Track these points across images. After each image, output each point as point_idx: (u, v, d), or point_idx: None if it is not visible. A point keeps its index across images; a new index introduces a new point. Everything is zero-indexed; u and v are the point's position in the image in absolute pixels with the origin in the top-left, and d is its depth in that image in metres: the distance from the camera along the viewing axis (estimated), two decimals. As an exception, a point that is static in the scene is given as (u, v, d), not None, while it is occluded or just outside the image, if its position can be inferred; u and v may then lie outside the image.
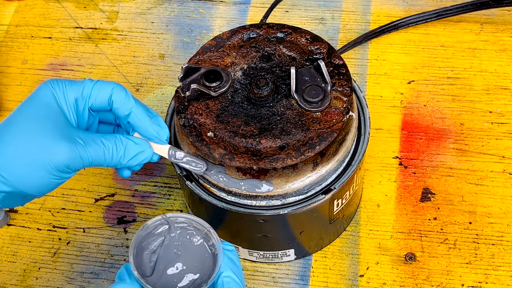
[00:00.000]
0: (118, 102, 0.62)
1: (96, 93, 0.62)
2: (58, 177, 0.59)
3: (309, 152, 0.63)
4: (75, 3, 0.98)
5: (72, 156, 0.59)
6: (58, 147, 0.58)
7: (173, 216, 0.61)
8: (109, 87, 0.62)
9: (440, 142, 0.82)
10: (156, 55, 0.92)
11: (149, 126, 0.63)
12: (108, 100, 0.62)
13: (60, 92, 0.61)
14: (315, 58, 0.69)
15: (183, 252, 0.61)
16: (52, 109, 0.60)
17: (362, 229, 0.77)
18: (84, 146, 0.59)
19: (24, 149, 0.58)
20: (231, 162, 0.63)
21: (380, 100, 0.86)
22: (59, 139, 0.58)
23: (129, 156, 0.62)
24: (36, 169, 0.58)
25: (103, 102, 0.62)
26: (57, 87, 0.61)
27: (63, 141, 0.58)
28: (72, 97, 0.61)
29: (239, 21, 0.94)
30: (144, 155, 0.63)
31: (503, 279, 0.73)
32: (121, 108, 0.62)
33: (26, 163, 0.58)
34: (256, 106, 0.66)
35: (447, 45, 0.90)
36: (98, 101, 0.62)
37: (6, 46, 0.94)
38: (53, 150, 0.58)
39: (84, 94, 0.61)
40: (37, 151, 0.58)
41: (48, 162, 0.58)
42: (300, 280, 0.74)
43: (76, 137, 0.59)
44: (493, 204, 0.77)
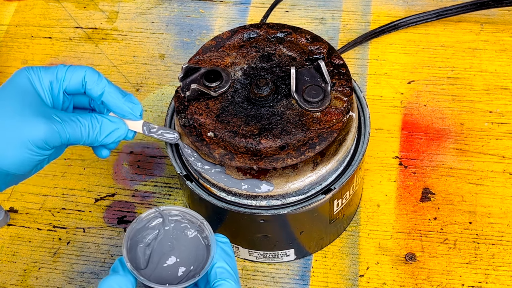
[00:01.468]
0: (91, 83, 0.64)
1: (70, 76, 0.63)
2: (37, 153, 0.60)
3: (309, 152, 0.63)
4: (75, 3, 0.98)
5: (50, 131, 0.60)
6: (36, 123, 0.60)
7: (167, 209, 0.61)
8: (82, 70, 0.64)
9: (440, 142, 0.82)
10: (156, 55, 0.92)
11: (123, 103, 0.65)
12: (82, 82, 0.64)
13: (35, 76, 0.62)
14: (315, 58, 0.69)
15: (177, 245, 0.61)
16: (28, 91, 0.61)
17: (362, 229, 0.77)
18: (61, 123, 0.61)
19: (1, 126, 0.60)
20: (231, 162, 0.63)
21: (380, 100, 0.86)
22: (37, 116, 0.60)
23: (105, 133, 0.64)
24: (15, 146, 0.59)
25: (77, 84, 0.64)
26: (32, 72, 0.62)
27: (41, 117, 0.60)
28: (47, 80, 0.63)
29: (239, 21, 0.94)
30: (119, 132, 0.65)
31: (503, 279, 0.73)
32: (94, 88, 0.64)
33: (4, 140, 0.59)
34: (256, 106, 0.66)
35: (447, 45, 0.90)
36: (72, 84, 0.64)
37: (6, 46, 0.94)
38: (31, 126, 0.59)
39: (59, 77, 0.63)
40: (15, 127, 0.59)
41: (26, 138, 0.59)
42: (300, 280, 0.74)
43: (53, 115, 0.61)
44: (493, 204, 0.77)
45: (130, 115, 0.65)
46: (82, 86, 0.64)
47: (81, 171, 0.83)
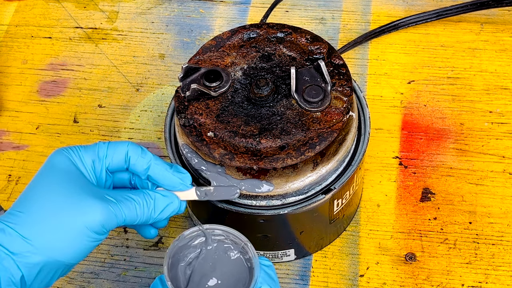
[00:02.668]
0: (135, 158, 0.60)
1: (112, 153, 0.60)
2: (94, 239, 0.56)
3: (309, 152, 0.63)
4: (75, 3, 0.98)
5: (107, 214, 0.56)
6: (91, 206, 0.56)
7: (210, 228, 0.59)
8: (123, 146, 0.60)
9: (440, 142, 0.82)
10: (156, 55, 0.92)
11: (172, 174, 0.61)
12: (125, 158, 0.60)
13: (76, 156, 0.59)
14: (315, 58, 0.69)
15: (219, 266, 0.59)
16: (73, 173, 0.58)
17: (362, 229, 0.77)
18: (117, 203, 0.57)
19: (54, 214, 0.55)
20: (231, 162, 0.63)
21: (380, 100, 0.86)
22: (91, 198, 0.56)
23: (159, 209, 0.60)
24: (70, 233, 0.55)
25: (120, 161, 0.60)
26: (72, 153, 0.59)
27: (96, 200, 0.56)
28: (89, 160, 0.59)
29: (239, 21, 0.94)
30: (173, 206, 0.61)
31: (503, 279, 0.73)
32: (139, 163, 0.60)
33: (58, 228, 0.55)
34: (256, 106, 0.66)
35: (447, 45, 0.90)
36: (115, 161, 0.60)
37: (6, 46, 0.94)
38: (87, 210, 0.55)
39: (100, 155, 0.60)
40: (69, 213, 0.55)
41: (82, 223, 0.55)
42: (300, 280, 0.74)
43: (106, 195, 0.57)
44: (493, 204, 0.77)
45: (181, 186, 0.62)
46: (126, 162, 0.60)
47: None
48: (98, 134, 0.85)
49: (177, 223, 0.78)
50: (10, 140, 0.86)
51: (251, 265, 0.58)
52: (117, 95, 0.89)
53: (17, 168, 0.83)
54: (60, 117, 0.88)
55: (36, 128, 0.87)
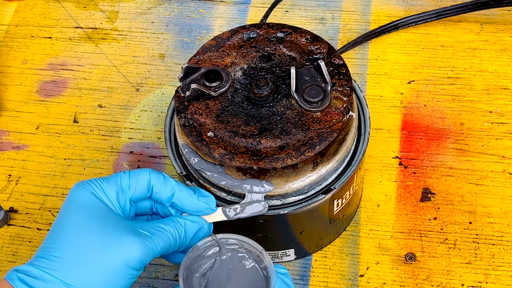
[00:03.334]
0: (159, 186, 0.59)
1: (135, 183, 0.59)
2: (132, 275, 0.55)
3: (309, 152, 0.63)
4: (75, 3, 0.98)
5: (145, 250, 0.55)
6: (129, 243, 0.54)
7: (224, 238, 0.59)
8: (145, 174, 0.59)
9: (440, 142, 0.82)
10: (156, 55, 0.92)
11: (197, 199, 0.60)
12: (148, 187, 0.59)
13: (99, 189, 0.57)
14: (315, 58, 0.69)
15: (234, 275, 0.59)
16: (100, 208, 0.56)
17: (362, 229, 0.77)
18: (151, 237, 0.56)
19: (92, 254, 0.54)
20: (231, 162, 0.63)
21: (380, 100, 0.86)
22: (127, 235, 0.54)
23: (190, 235, 0.59)
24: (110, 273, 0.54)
25: (143, 190, 0.59)
26: (94, 186, 0.57)
27: (131, 236, 0.54)
28: (113, 192, 0.58)
29: (239, 21, 0.94)
30: (204, 231, 0.60)
31: (503, 279, 0.73)
32: (163, 191, 0.59)
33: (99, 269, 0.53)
34: (256, 106, 0.66)
35: (447, 45, 0.90)
36: (138, 191, 0.59)
37: (6, 46, 0.94)
38: (125, 247, 0.54)
39: (123, 186, 0.59)
40: (107, 253, 0.54)
41: (122, 262, 0.54)
42: (300, 280, 0.74)
43: (139, 229, 0.56)
44: (493, 204, 0.77)
45: (207, 210, 0.61)
46: (148, 191, 0.59)
47: (81, 171, 0.83)
48: (98, 134, 0.85)
49: (177, 223, 0.78)
50: (10, 140, 0.86)
51: (267, 274, 0.58)
52: (117, 95, 0.89)
53: (17, 168, 0.84)
54: (60, 117, 0.88)
55: (36, 128, 0.87)
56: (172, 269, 0.75)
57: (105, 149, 0.84)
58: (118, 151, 0.84)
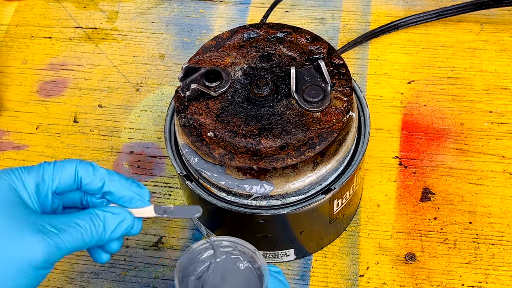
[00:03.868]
0: (87, 177, 0.56)
1: (59, 175, 0.55)
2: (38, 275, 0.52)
3: (309, 152, 0.63)
4: (75, 3, 0.98)
5: (49, 248, 0.51)
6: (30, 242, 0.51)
7: (218, 240, 0.59)
8: (71, 165, 0.56)
9: (440, 142, 0.82)
10: (156, 55, 0.92)
11: (129, 188, 0.57)
12: (75, 178, 0.56)
13: (18, 181, 0.54)
14: (315, 58, 0.69)
15: (228, 277, 0.59)
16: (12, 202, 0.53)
17: (362, 229, 0.77)
18: (58, 234, 0.52)
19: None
20: (231, 162, 0.63)
21: (380, 100, 0.86)
22: (29, 233, 0.51)
23: (110, 228, 0.55)
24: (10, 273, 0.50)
25: (68, 182, 0.56)
26: (14, 176, 0.54)
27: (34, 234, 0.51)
28: (33, 183, 0.54)
29: (239, 21, 0.94)
30: (126, 224, 0.56)
31: (503, 279, 0.73)
32: (93, 181, 0.56)
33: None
34: (256, 106, 0.66)
35: (447, 45, 0.90)
36: (62, 183, 0.55)
37: (6, 46, 0.94)
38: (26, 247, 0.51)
39: (46, 178, 0.55)
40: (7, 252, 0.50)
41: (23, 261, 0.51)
42: (300, 280, 0.74)
43: (47, 225, 0.52)
44: (493, 204, 0.77)
45: (138, 202, 0.57)
46: (76, 183, 0.56)
47: (81, 171, 0.83)
48: (98, 134, 0.85)
49: (177, 223, 0.78)
50: (10, 140, 0.86)
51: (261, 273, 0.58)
52: (117, 95, 0.89)
53: (17, 168, 0.83)
54: (60, 117, 0.88)
55: (36, 128, 0.87)
56: (172, 269, 0.75)
57: (105, 149, 0.84)
58: (118, 151, 0.84)
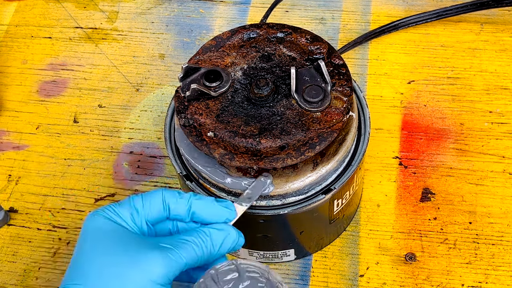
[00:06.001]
0: (174, 202, 0.57)
1: (149, 202, 0.57)
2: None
3: (309, 152, 0.63)
4: (75, 3, 0.98)
5: (168, 263, 0.53)
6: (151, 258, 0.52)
7: (245, 264, 0.56)
8: (158, 192, 0.58)
9: (440, 142, 0.82)
10: (156, 55, 0.92)
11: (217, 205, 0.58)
12: (163, 206, 0.57)
13: (113, 213, 0.56)
14: (315, 58, 0.69)
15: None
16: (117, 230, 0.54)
17: (362, 229, 0.77)
18: (174, 249, 0.53)
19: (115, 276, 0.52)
20: (231, 162, 0.63)
21: (380, 100, 0.86)
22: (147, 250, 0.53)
23: (218, 243, 0.57)
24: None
25: (158, 209, 0.57)
26: (108, 211, 0.56)
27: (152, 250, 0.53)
28: (128, 214, 0.56)
29: (239, 21, 0.94)
30: (232, 238, 0.58)
31: (503, 279, 0.73)
32: (179, 205, 0.57)
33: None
34: (256, 106, 0.66)
35: (447, 45, 0.90)
36: (153, 211, 0.57)
37: (6, 46, 0.94)
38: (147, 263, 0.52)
39: (137, 207, 0.57)
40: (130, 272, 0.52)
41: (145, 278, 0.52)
42: (300, 280, 0.74)
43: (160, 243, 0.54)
44: (493, 204, 0.77)
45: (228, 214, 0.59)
46: (165, 210, 0.57)
47: (81, 171, 0.83)
48: (98, 134, 0.86)
49: (177, 223, 0.78)
50: (10, 140, 0.86)
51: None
52: (117, 95, 0.89)
53: (17, 168, 0.84)
54: (60, 117, 0.88)
55: (36, 128, 0.87)
56: (172, 269, 0.75)
57: (105, 149, 0.84)
58: (118, 151, 0.84)
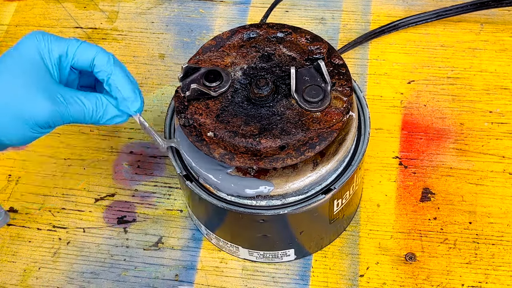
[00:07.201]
0: (99, 66, 0.64)
1: (80, 54, 0.63)
2: (38, 131, 0.62)
3: (309, 152, 0.63)
4: (75, 3, 0.98)
5: (54, 114, 0.61)
6: (40, 104, 0.60)
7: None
8: (92, 50, 0.64)
9: (440, 142, 0.82)
10: (156, 55, 0.92)
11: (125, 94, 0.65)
12: (90, 63, 0.64)
13: (45, 47, 0.62)
14: (315, 58, 0.69)
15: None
16: (35, 64, 0.61)
17: (362, 229, 0.77)
18: (66, 105, 0.61)
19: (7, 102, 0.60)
20: (231, 162, 0.63)
21: (380, 100, 0.86)
22: (42, 96, 0.60)
23: (107, 117, 0.65)
24: (17, 122, 0.60)
25: (85, 63, 0.64)
26: (43, 42, 0.62)
27: (46, 99, 0.60)
28: (57, 54, 0.63)
29: (239, 21, 0.94)
30: (121, 119, 0.66)
31: (503, 279, 0.73)
32: (101, 72, 0.64)
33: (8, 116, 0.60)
34: (256, 106, 0.66)
35: (447, 45, 0.90)
36: (80, 62, 0.64)
37: (6, 46, 0.94)
38: (36, 106, 0.60)
39: (69, 52, 0.63)
40: (19, 105, 0.60)
41: (29, 117, 0.60)
42: (300, 280, 0.74)
43: (58, 94, 0.61)
44: (493, 204, 0.77)
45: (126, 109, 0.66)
46: (90, 67, 0.64)
47: (81, 171, 0.83)
48: (98, 134, 0.86)
49: (177, 223, 0.78)
50: (10, 140, 0.86)
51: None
52: (117, 95, 0.89)
53: (17, 168, 0.84)
54: (60, 117, 0.87)
55: (36, 128, 0.87)
56: (172, 269, 0.75)
57: (105, 149, 0.84)
58: (118, 151, 0.84)
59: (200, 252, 0.76)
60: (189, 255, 0.76)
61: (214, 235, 0.74)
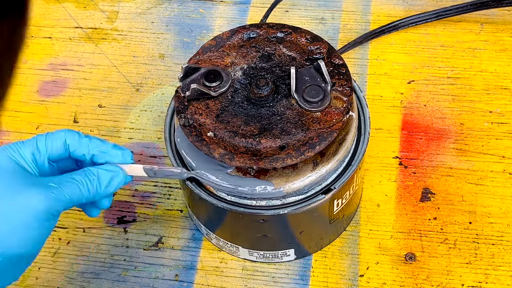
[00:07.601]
0: (74, 144, 0.63)
1: (51, 143, 0.62)
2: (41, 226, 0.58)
3: (309, 152, 0.63)
4: (75, 3, 0.98)
5: (49, 200, 0.58)
6: (31, 195, 0.57)
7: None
8: (61, 134, 0.63)
9: (440, 142, 0.82)
10: (156, 55, 0.92)
11: (112, 149, 0.64)
12: (64, 146, 0.63)
13: (15, 152, 0.60)
14: (315, 58, 0.69)
15: None
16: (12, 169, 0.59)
17: (362, 229, 0.77)
18: (58, 187, 0.59)
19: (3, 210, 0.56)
20: (231, 162, 0.63)
21: (380, 100, 0.86)
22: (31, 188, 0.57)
23: (104, 183, 0.62)
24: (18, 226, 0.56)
25: (59, 149, 0.63)
26: (10, 150, 0.60)
27: (35, 188, 0.57)
28: (29, 153, 0.61)
29: (239, 21, 0.94)
30: (118, 178, 0.63)
31: (503, 279, 0.73)
32: (78, 148, 0.63)
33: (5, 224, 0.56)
34: (256, 106, 0.66)
35: (447, 45, 0.90)
36: (55, 150, 0.62)
37: (6, 46, 0.94)
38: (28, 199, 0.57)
39: (39, 147, 0.62)
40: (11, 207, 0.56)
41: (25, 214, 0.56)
42: (300, 280, 0.74)
43: (48, 182, 0.59)
44: (493, 204, 0.77)
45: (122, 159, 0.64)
46: (66, 150, 0.63)
47: (81, 171, 0.83)
48: (98, 134, 0.85)
49: (177, 223, 0.78)
50: (10, 140, 0.86)
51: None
52: (117, 95, 0.89)
53: (17, 168, 0.83)
54: (60, 117, 0.88)
55: (36, 128, 0.87)
56: (172, 269, 0.75)
57: (105, 149, 0.84)
58: (118, 151, 0.84)
59: (200, 252, 0.76)
60: (189, 255, 0.76)
61: (214, 235, 0.74)
